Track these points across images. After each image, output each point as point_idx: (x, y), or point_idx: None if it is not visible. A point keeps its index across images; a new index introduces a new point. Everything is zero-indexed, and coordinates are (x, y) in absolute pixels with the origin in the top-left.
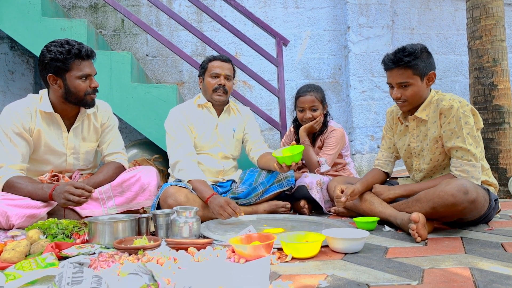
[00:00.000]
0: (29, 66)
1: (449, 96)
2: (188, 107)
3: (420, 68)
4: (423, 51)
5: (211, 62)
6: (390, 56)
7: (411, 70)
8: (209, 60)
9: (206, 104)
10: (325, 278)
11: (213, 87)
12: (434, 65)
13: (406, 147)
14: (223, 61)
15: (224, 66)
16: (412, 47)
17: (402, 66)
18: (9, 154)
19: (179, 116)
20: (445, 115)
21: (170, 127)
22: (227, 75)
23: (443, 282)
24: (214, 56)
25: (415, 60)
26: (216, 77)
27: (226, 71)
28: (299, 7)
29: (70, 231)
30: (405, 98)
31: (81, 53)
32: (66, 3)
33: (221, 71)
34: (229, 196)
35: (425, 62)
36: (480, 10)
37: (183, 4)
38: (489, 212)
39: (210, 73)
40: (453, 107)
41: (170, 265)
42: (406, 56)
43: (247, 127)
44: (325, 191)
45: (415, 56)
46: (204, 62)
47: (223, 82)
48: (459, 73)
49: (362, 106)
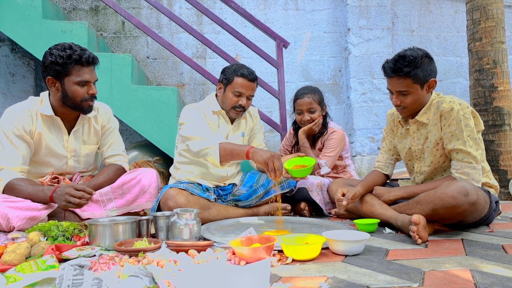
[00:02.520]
0: (30, 68)
1: (449, 99)
2: (204, 108)
3: (420, 77)
4: (424, 58)
5: (237, 78)
6: (390, 64)
7: (411, 79)
8: (236, 74)
9: (220, 111)
10: (326, 280)
11: (233, 104)
12: (435, 71)
13: (407, 149)
14: (250, 81)
15: (250, 87)
16: (413, 55)
17: (401, 75)
18: (9, 156)
19: (198, 112)
20: (445, 117)
21: (187, 117)
22: (250, 95)
23: (443, 284)
24: (242, 72)
25: (415, 70)
26: (239, 96)
27: (250, 92)
28: (299, 9)
29: (71, 233)
30: (404, 105)
31: (82, 59)
32: (67, 6)
33: (245, 91)
34: (230, 198)
35: (426, 70)
36: (480, 12)
37: (183, 7)
38: (490, 214)
39: (233, 89)
40: (453, 110)
41: (171, 267)
42: (406, 66)
43: (254, 128)
44: (326, 193)
45: (415, 66)
46: (229, 73)
47: (244, 103)
48: (459, 75)
49: (362, 108)
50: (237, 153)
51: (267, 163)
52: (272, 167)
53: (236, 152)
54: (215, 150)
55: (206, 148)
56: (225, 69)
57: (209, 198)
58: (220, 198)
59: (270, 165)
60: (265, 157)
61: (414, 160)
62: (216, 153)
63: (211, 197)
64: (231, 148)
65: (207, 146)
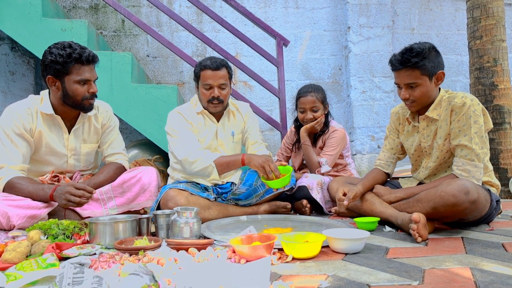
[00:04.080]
0: (30, 67)
1: (462, 94)
2: (187, 112)
3: (428, 68)
4: (431, 50)
5: (202, 71)
6: (397, 56)
7: (419, 70)
8: (201, 68)
9: (203, 111)
10: (326, 279)
11: (207, 98)
12: (442, 64)
13: (416, 146)
14: (215, 70)
15: (216, 75)
16: (420, 47)
17: (409, 66)
18: (10, 154)
19: (181, 119)
20: (456, 112)
21: (172, 128)
22: (221, 84)
23: (443, 283)
24: (205, 64)
25: (423, 60)
26: (210, 88)
27: (219, 81)
28: (299, 8)
29: (71, 232)
30: (413, 99)
31: (82, 57)
32: (67, 4)
33: (213, 82)
34: (230, 197)
35: (433, 61)
36: (480, 10)
37: (183, 5)
38: (490, 213)
39: (203, 83)
40: (465, 104)
41: (171, 265)
42: (413, 57)
43: (247, 126)
44: (326, 191)
45: (423, 57)
46: (197, 69)
47: (216, 94)
48: (460, 73)
49: (362, 106)
50: (232, 164)
51: (264, 167)
52: (269, 169)
53: (231, 163)
54: (213, 169)
55: (202, 169)
56: (194, 67)
57: (209, 198)
58: (220, 197)
59: (267, 168)
60: (261, 162)
61: (423, 156)
62: (214, 171)
63: (211, 196)
64: (226, 161)
65: (203, 167)
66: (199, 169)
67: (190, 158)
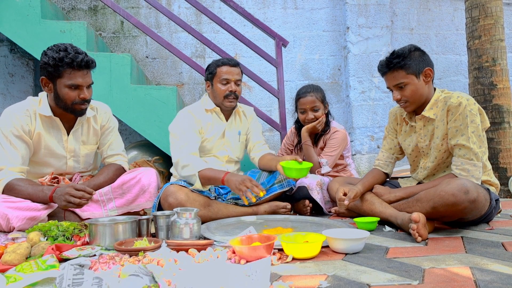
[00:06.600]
0: (29, 68)
1: (458, 94)
2: (198, 110)
3: (412, 66)
4: (412, 50)
5: (219, 68)
6: (382, 62)
7: (403, 70)
8: (217, 65)
9: (215, 109)
10: (326, 279)
11: (224, 93)
12: (429, 62)
13: (413, 146)
14: (232, 66)
15: (234, 71)
16: (401, 49)
17: (393, 68)
18: (9, 156)
19: (189, 118)
20: (452, 112)
21: (177, 127)
22: (237, 80)
23: (443, 282)
24: (222, 61)
25: (405, 60)
26: (227, 83)
27: (236, 76)
28: (298, 8)
29: (71, 233)
30: (405, 99)
31: (73, 62)
32: (66, 6)
33: (231, 77)
34: (230, 196)
35: (417, 60)
36: (479, 10)
37: (182, 6)
38: (490, 212)
39: (219, 79)
40: (461, 104)
41: (171, 266)
42: (394, 59)
43: (250, 127)
44: (326, 191)
45: (403, 57)
46: (212, 67)
47: (234, 89)
48: (459, 73)
49: (362, 107)
50: (214, 180)
51: (240, 189)
52: (245, 189)
53: (213, 179)
54: (196, 179)
55: (188, 176)
56: (208, 66)
57: (209, 196)
58: (220, 197)
59: (243, 189)
60: (236, 183)
61: (421, 156)
62: (197, 181)
63: (211, 195)
64: (209, 175)
65: (189, 174)
66: (186, 174)
67: (181, 162)
